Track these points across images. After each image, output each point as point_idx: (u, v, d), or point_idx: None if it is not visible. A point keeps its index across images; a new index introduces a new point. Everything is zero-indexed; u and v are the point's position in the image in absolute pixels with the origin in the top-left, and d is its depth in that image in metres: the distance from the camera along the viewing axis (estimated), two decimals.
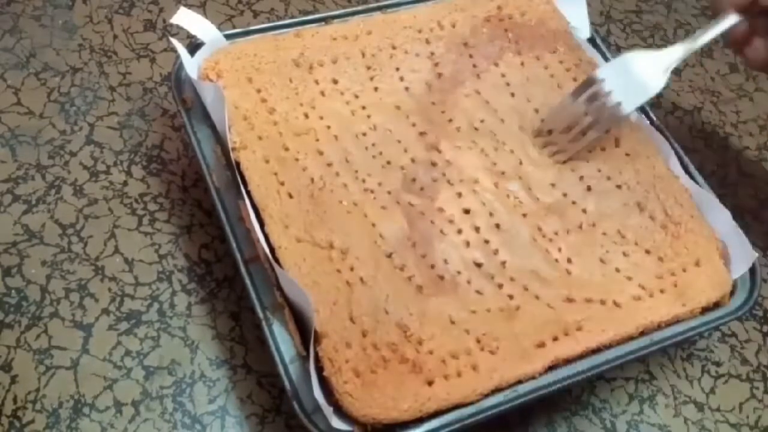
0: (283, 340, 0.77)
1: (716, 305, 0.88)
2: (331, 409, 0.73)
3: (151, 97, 1.03)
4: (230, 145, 0.85)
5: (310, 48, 0.95)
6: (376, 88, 0.94)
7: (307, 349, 0.75)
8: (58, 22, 1.08)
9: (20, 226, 0.90)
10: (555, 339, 0.81)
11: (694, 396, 0.93)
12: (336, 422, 0.73)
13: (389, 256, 0.83)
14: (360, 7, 1.03)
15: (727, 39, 0.93)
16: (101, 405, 0.81)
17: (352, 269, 0.81)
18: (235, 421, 0.82)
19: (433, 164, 0.90)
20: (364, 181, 0.87)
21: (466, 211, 0.88)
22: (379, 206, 0.86)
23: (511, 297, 0.83)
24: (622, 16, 1.28)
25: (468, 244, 0.86)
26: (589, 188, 0.92)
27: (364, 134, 0.91)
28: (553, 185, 0.91)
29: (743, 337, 0.98)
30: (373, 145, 0.90)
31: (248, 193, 0.83)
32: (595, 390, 0.91)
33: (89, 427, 0.80)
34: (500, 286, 0.83)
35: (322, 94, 0.92)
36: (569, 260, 0.87)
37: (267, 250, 0.80)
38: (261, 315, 0.78)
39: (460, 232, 0.86)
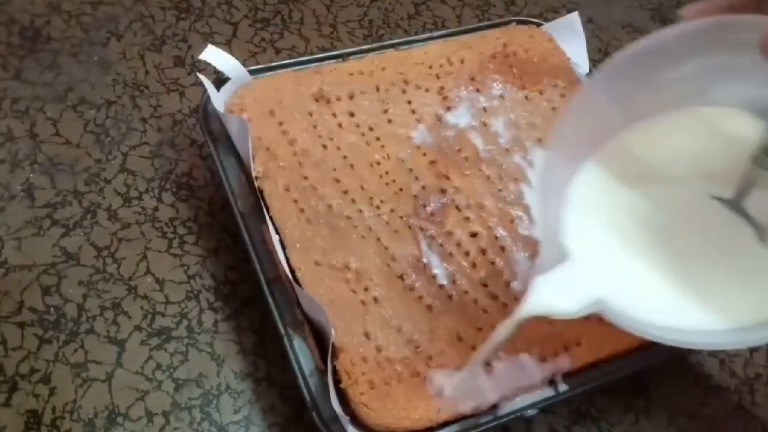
0: (303, 355, 0.78)
1: None
2: (348, 419, 0.74)
3: (180, 129, 1.04)
4: (254, 174, 0.86)
5: (329, 83, 0.96)
6: (389, 121, 0.95)
7: (325, 363, 0.76)
8: (93, 58, 1.09)
9: (58, 249, 0.91)
10: (556, 354, 0.82)
11: (686, 407, 0.93)
12: (352, 431, 0.75)
13: (401, 277, 0.84)
14: (375, 45, 1.04)
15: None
16: (134, 415, 0.82)
17: (366, 289, 0.82)
18: (259, 430, 0.83)
19: (443, 191, 0.91)
20: (378, 207, 0.88)
21: (473, 235, 0.89)
22: (392, 230, 0.87)
23: None
24: None
25: (474, 265, 0.86)
26: None
27: (378, 163, 0.92)
28: None
29: (732, 352, 0.99)
30: (387, 173, 0.91)
31: (270, 218, 0.85)
32: (594, 401, 0.91)
33: None
34: (505, 305, 0.84)
35: (340, 126, 0.94)
36: None
37: (288, 272, 0.81)
38: (282, 331, 0.79)
39: (467, 254, 0.87)
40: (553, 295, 0.68)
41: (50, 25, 1.11)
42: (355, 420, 0.76)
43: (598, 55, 1.26)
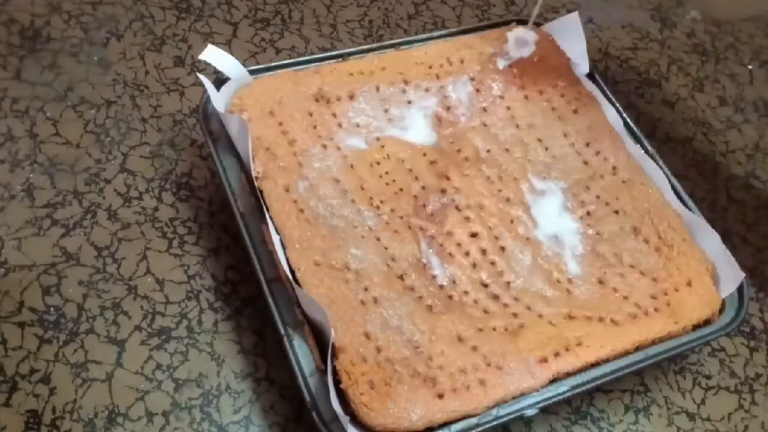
0: (303, 355, 0.78)
1: (706, 322, 0.88)
2: (348, 419, 0.74)
3: (180, 129, 1.04)
4: (253, 174, 0.86)
5: (329, 83, 0.96)
6: (389, 120, 0.95)
7: (325, 363, 0.76)
8: (93, 58, 1.09)
9: (58, 249, 0.91)
10: (557, 354, 0.81)
11: (686, 407, 0.93)
12: (352, 431, 0.74)
13: (401, 277, 0.84)
14: (375, 45, 1.04)
15: None
16: (134, 415, 0.82)
17: (366, 289, 0.82)
18: (259, 430, 0.83)
19: (443, 191, 0.91)
20: (378, 207, 0.88)
21: (473, 235, 0.88)
22: (392, 230, 0.86)
23: (515, 315, 0.83)
24: (618, 53, 1.28)
25: (475, 265, 0.86)
26: (588, 213, 0.93)
27: (378, 163, 0.92)
28: (554, 211, 0.92)
29: (732, 352, 0.99)
30: (387, 173, 0.91)
31: (270, 218, 0.84)
32: (594, 401, 0.91)
33: None
34: (505, 305, 0.84)
35: (340, 126, 0.93)
36: (570, 281, 0.87)
37: (288, 272, 0.81)
38: (282, 331, 0.79)
39: (467, 254, 0.87)
40: None
41: (50, 25, 1.11)
42: (355, 420, 0.75)
43: (598, 55, 1.26)
